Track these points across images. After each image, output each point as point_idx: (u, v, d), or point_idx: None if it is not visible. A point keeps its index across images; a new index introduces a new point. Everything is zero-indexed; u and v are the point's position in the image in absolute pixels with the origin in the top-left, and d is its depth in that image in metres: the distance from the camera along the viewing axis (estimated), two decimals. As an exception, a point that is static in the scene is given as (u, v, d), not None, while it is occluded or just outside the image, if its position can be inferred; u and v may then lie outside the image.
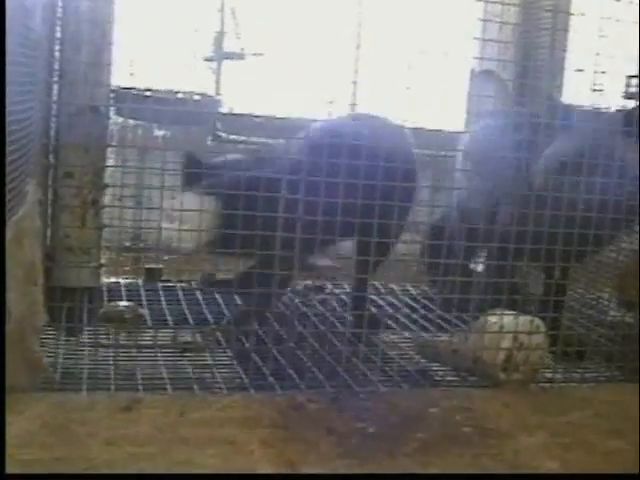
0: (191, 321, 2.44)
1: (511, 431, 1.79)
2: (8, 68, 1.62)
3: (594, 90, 2.26)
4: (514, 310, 2.11)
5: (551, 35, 2.94)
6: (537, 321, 2.10)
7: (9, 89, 1.64)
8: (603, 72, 2.22)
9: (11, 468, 1.39)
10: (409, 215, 2.37)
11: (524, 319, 2.07)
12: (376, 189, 2.01)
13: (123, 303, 2.49)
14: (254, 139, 2.90)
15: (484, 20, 2.71)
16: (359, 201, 2.04)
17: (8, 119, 1.65)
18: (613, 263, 2.58)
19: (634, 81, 3.76)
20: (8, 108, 1.64)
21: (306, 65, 2.95)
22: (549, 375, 2.18)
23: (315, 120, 2.45)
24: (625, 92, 3.73)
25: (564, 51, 2.82)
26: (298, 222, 2.02)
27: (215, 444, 1.58)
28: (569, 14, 2.78)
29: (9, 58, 1.61)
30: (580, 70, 2.31)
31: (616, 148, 2.18)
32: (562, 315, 2.33)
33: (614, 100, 2.93)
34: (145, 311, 2.48)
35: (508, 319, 2.07)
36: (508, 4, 2.86)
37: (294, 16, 3.08)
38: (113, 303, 2.48)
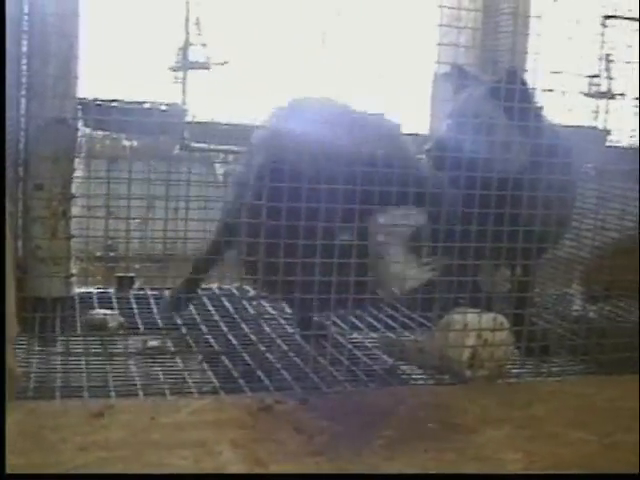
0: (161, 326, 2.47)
1: (476, 425, 1.83)
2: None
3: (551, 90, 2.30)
4: (478, 308, 2.15)
5: (511, 37, 2.99)
6: (500, 318, 2.14)
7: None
8: (559, 72, 2.27)
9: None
10: None
11: (487, 316, 2.12)
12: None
13: (104, 311, 2.51)
14: (222, 147, 2.93)
15: (443, 25, 2.76)
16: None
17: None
18: (576, 259, 2.64)
19: (596, 80, 3.83)
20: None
21: (271, 72, 2.99)
22: (515, 370, 2.23)
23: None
24: (588, 92, 3.80)
25: (525, 53, 2.87)
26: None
27: (186, 446, 1.61)
28: (528, 17, 2.84)
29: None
30: (538, 71, 2.36)
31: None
32: (527, 311, 2.37)
33: (575, 99, 2.98)
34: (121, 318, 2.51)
35: (472, 317, 2.11)
36: (468, 9, 2.90)
37: (258, 24, 3.12)
38: (95, 311, 2.51)
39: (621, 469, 1.66)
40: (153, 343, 2.28)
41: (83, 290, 2.75)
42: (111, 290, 2.84)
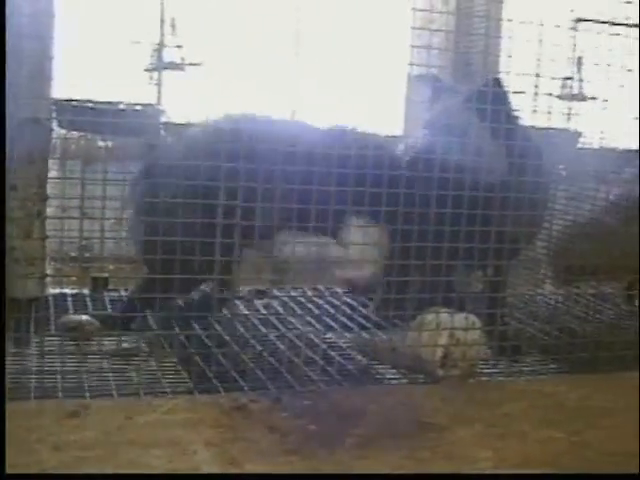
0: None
1: (448, 424, 1.85)
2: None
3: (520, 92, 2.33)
4: (451, 308, 2.17)
5: (484, 40, 3.02)
6: (472, 317, 2.17)
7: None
8: (531, 75, 2.30)
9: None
10: None
11: (459, 316, 2.14)
12: None
13: (79, 317, 2.50)
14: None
15: (416, 28, 2.78)
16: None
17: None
18: (547, 260, 2.68)
19: (569, 82, 3.86)
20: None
21: (246, 72, 3.00)
22: (487, 370, 2.25)
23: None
24: (560, 94, 3.84)
25: (497, 56, 2.89)
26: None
27: (160, 445, 1.62)
28: (500, 20, 2.86)
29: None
30: (508, 72, 2.38)
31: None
32: (499, 311, 2.39)
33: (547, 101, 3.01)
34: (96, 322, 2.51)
35: (444, 317, 2.13)
36: (441, 12, 2.92)
37: (233, 26, 3.13)
38: (70, 315, 2.50)
39: (588, 466, 1.70)
40: (127, 344, 2.29)
41: (57, 291, 2.75)
42: (85, 291, 2.83)
